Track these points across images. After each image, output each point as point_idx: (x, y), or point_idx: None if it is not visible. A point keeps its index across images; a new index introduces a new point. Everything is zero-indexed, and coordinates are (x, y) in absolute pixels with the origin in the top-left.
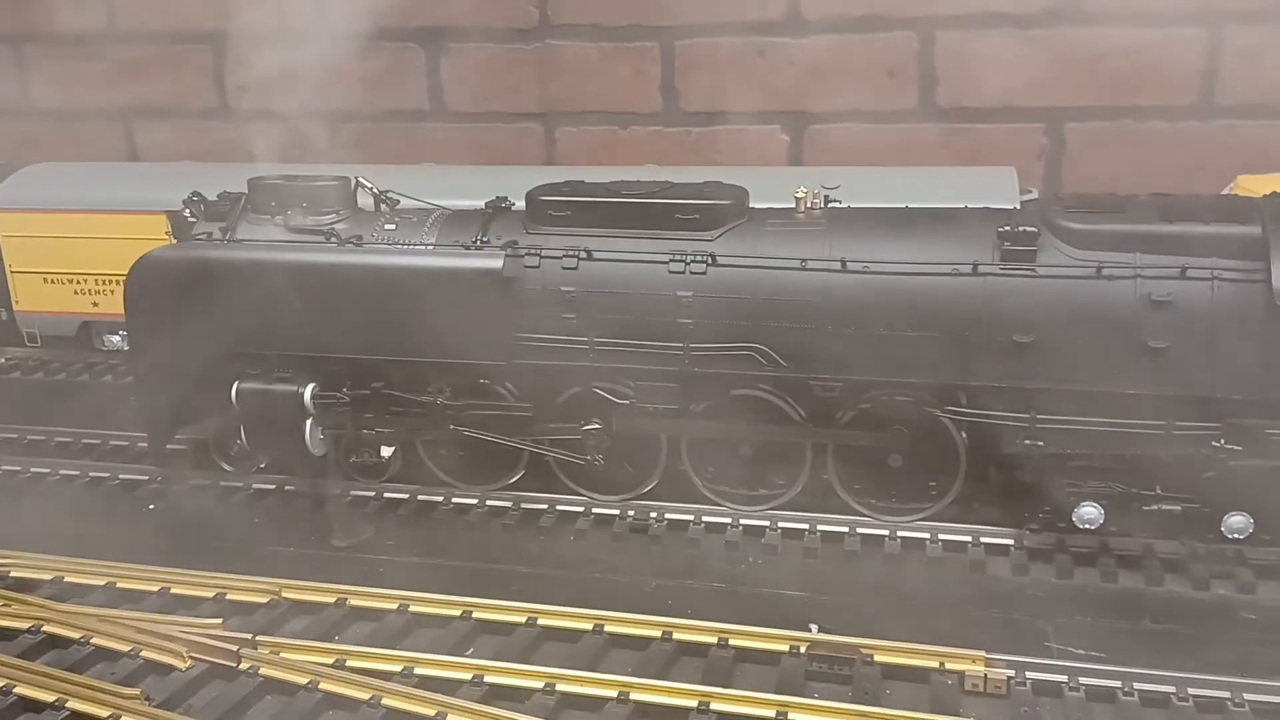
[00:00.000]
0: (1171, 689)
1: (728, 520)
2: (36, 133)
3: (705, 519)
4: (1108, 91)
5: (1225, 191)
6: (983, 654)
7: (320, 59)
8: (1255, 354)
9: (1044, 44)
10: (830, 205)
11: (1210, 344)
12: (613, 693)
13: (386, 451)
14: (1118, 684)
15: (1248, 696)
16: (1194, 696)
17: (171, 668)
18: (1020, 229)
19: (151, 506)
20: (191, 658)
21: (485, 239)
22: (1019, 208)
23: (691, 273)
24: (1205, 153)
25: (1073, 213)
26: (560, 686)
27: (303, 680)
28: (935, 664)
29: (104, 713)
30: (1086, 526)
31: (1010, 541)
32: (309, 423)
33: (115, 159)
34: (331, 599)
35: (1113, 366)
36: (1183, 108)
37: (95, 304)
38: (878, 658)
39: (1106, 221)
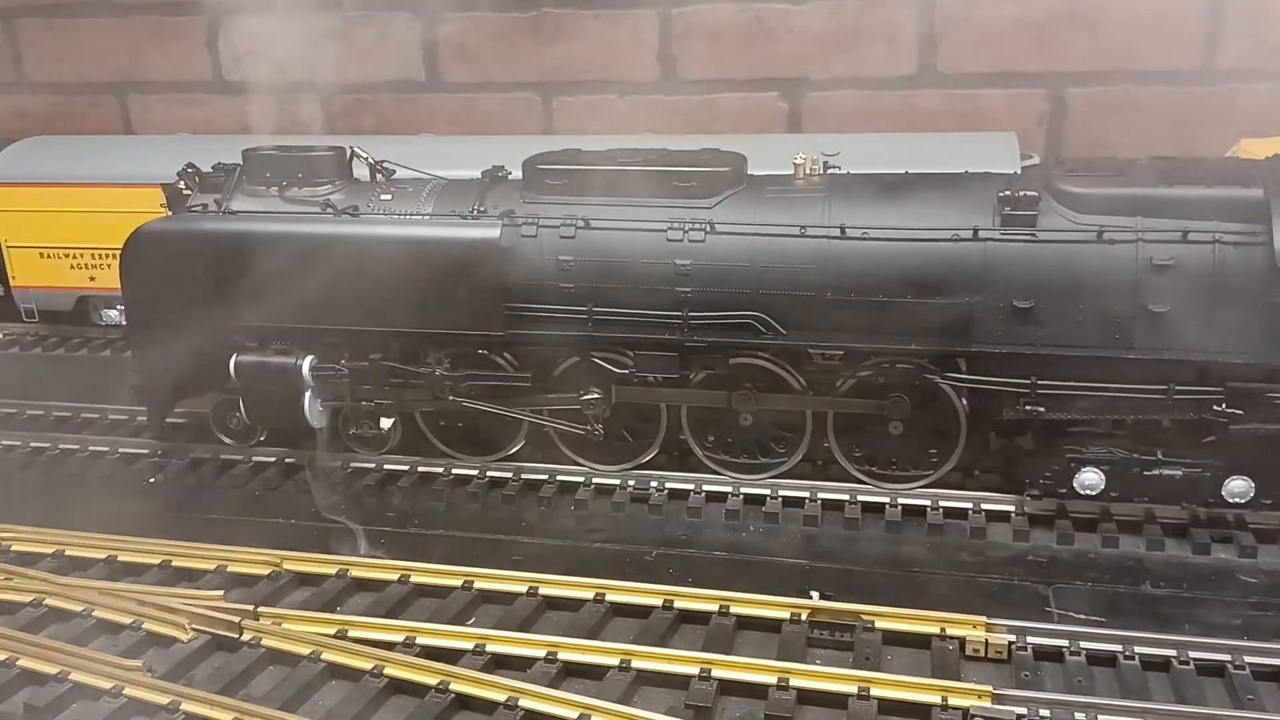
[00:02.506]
0: (1172, 652)
1: (728, 489)
2: (31, 106)
3: (706, 488)
4: (1110, 56)
5: (1227, 155)
6: (984, 619)
7: (315, 29)
8: (1257, 317)
9: (1045, 8)
10: (829, 171)
11: (1212, 308)
12: (614, 660)
13: (386, 423)
14: (1119, 648)
15: (1248, 660)
16: (1194, 660)
17: (173, 640)
18: (1021, 194)
19: (152, 480)
20: (193, 629)
21: (482, 208)
22: (1019, 173)
23: (690, 241)
24: (1207, 116)
25: (1074, 177)
26: (562, 655)
27: (305, 651)
28: (936, 630)
29: (106, 685)
30: (1087, 492)
31: (1011, 508)
32: (308, 395)
33: (110, 132)
34: (333, 570)
35: (1114, 331)
36: (1185, 71)
37: (92, 278)
38: (879, 624)
39: (1107, 186)
